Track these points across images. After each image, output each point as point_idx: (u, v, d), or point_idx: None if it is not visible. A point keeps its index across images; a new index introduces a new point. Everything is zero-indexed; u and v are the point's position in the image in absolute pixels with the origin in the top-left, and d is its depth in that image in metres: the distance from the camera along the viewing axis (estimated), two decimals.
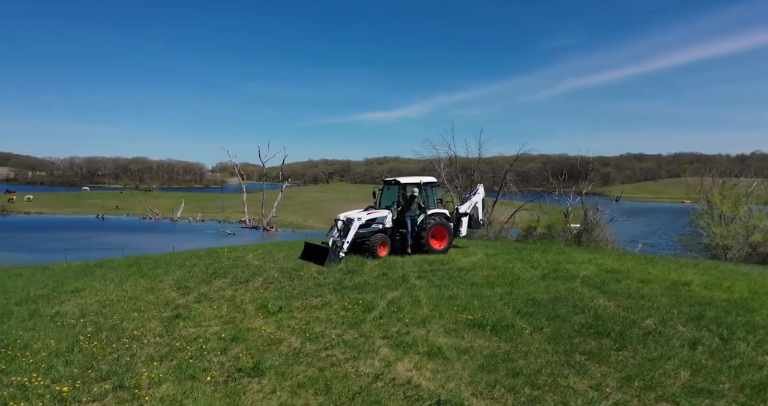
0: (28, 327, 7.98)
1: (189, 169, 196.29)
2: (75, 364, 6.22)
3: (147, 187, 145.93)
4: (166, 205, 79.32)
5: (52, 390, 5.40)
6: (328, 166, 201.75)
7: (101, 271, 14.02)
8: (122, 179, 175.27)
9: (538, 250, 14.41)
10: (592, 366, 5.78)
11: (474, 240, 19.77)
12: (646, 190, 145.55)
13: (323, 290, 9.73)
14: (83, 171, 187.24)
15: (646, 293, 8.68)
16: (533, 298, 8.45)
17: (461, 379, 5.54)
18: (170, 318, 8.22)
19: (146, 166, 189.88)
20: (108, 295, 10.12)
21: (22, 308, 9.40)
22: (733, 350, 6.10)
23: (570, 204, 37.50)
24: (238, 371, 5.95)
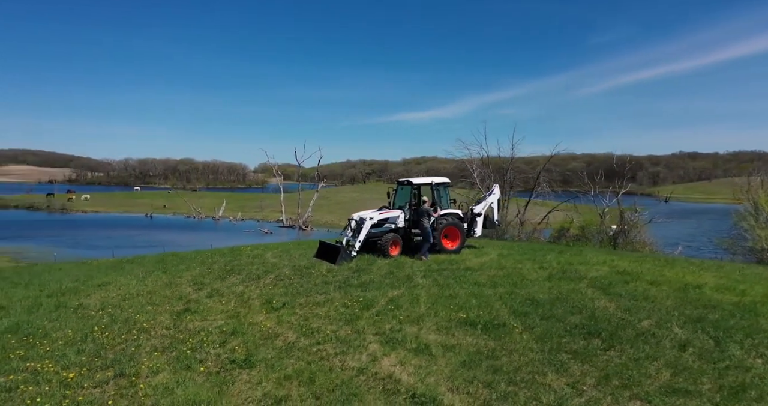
0: (52, 318, 8.58)
1: (232, 169, 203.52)
2: (85, 352, 6.68)
3: (193, 187, 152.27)
4: (209, 204, 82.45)
5: (60, 376, 5.84)
6: (366, 166, 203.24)
7: (130, 267, 14.92)
8: (170, 179, 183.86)
9: (554, 251, 14.24)
10: (573, 365, 5.85)
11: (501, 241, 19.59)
12: (699, 191, 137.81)
13: (329, 287, 10.01)
14: (136, 172, 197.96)
15: (651, 295, 8.59)
16: (533, 298, 8.49)
17: (441, 374, 5.69)
18: (180, 312, 8.66)
19: (193, 166, 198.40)
20: (129, 289, 10.74)
21: (51, 299, 10.09)
22: (724, 352, 6.07)
23: (606, 204, 36.27)
24: (231, 362, 6.26)
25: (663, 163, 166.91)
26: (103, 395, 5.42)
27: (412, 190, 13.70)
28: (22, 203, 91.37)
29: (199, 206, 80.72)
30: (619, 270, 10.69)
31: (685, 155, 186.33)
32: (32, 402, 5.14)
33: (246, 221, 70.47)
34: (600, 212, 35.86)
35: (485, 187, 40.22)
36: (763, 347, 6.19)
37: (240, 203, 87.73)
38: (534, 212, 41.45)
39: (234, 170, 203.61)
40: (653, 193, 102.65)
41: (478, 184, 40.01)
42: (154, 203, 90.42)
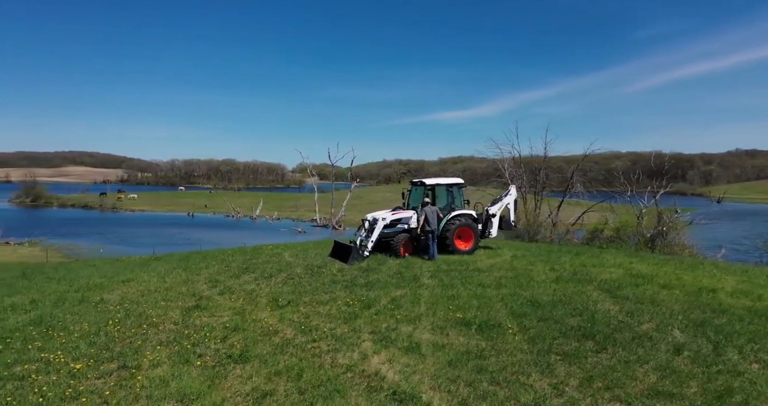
0: (74, 311, 9.09)
1: (272, 169, 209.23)
2: (96, 345, 7.08)
3: (234, 187, 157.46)
4: (248, 204, 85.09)
5: (69, 367, 6.22)
6: (401, 166, 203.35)
7: (156, 264, 15.63)
8: (213, 180, 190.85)
9: (572, 253, 14.05)
10: (560, 366, 5.86)
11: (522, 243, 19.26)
12: (757, 190, 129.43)
13: (335, 286, 10.22)
14: (181, 172, 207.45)
15: (660, 299, 8.47)
16: (535, 300, 8.48)
17: (426, 373, 5.80)
18: (190, 308, 9.02)
19: (234, 167, 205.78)
20: (149, 285, 11.25)
21: (77, 294, 10.69)
22: (721, 356, 5.99)
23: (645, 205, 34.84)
24: (227, 357, 6.52)
25: (716, 162, 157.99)
26: (103, 386, 5.76)
27: (426, 191, 13.72)
28: (78, 202, 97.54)
29: (238, 205, 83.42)
30: (634, 273, 10.51)
31: (742, 153, 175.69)
32: (39, 390, 5.52)
33: (282, 220, 72.27)
34: (637, 213, 34.54)
35: (517, 187, 39.54)
36: (763, 353, 6.05)
37: (276, 203, 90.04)
38: (568, 213, 40.37)
39: (273, 170, 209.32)
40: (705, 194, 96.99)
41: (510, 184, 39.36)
42: (196, 203, 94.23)
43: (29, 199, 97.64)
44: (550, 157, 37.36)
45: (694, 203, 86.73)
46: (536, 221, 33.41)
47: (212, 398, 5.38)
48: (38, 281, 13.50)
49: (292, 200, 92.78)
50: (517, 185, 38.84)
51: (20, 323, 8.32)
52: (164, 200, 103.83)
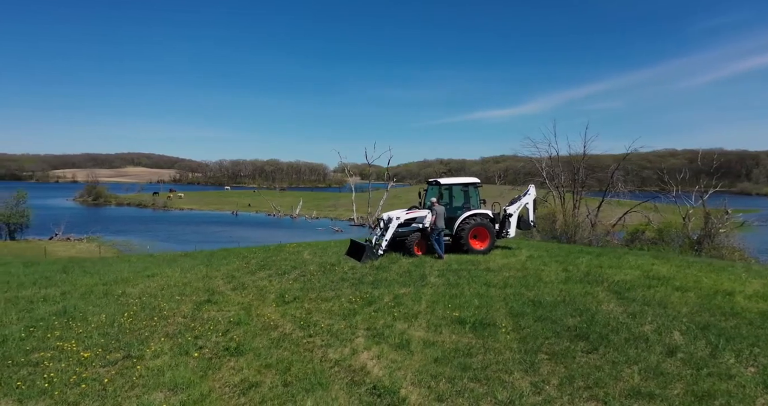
0: (97, 303, 9.59)
1: (314, 169, 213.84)
2: (107, 335, 7.47)
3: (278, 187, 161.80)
4: (289, 203, 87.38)
5: (79, 355, 6.61)
6: (442, 165, 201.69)
7: (183, 260, 16.28)
8: (257, 180, 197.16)
9: (593, 253, 13.87)
10: (545, 365, 5.88)
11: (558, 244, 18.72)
12: None
13: (343, 284, 10.43)
14: (229, 172, 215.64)
15: (671, 300, 8.33)
16: (538, 300, 8.45)
17: (411, 369, 5.91)
18: (201, 302, 9.38)
19: (278, 167, 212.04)
20: (170, 280, 11.74)
21: (104, 287, 11.24)
22: (715, 359, 5.91)
23: (692, 205, 32.98)
24: (225, 350, 6.79)
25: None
26: (105, 374, 6.10)
27: (441, 190, 13.66)
28: (133, 201, 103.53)
29: (279, 204, 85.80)
30: (651, 275, 10.30)
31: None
32: (48, 377, 5.91)
33: (320, 219, 73.74)
34: (683, 214, 32.76)
35: (555, 186, 38.47)
36: (764, 357, 5.91)
37: (316, 202, 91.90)
38: (610, 213, 38.87)
39: (315, 170, 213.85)
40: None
41: (547, 184, 38.38)
42: (241, 202, 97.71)
43: (91, 198, 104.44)
44: (596, 156, 36.05)
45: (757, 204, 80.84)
46: (574, 222, 32.35)
47: (201, 388, 5.62)
48: (75, 274, 14.15)
49: (332, 200, 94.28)
50: (555, 184, 37.87)
51: (47, 313, 8.90)
52: (211, 199, 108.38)
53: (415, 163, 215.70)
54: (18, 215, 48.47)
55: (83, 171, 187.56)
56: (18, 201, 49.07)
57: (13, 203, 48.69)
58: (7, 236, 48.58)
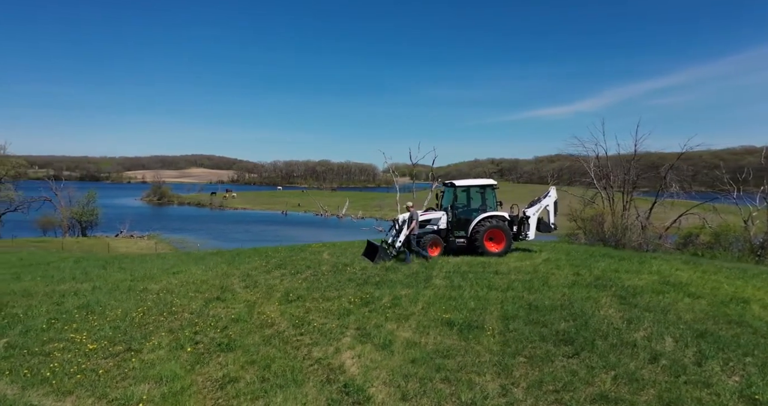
0: (119, 298, 10.20)
1: (363, 170, 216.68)
2: (117, 329, 7.99)
3: (328, 187, 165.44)
4: (337, 203, 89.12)
5: (86, 347, 7.11)
6: (493, 165, 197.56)
7: (211, 258, 16.96)
8: (308, 180, 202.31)
9: (615, 257, 13.36)
10: (520, 369, 5.92)
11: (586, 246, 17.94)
12: None
13: (349, 284, 10.64)
14: (282, 172, 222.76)
15: (677, 307, 8.12)
16: (535, 304, 8.39)
17: (387, 368, 6.06)
18: (211, 299, 9.82)
19: (329, 168, 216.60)
20: (190, 277, 12.29)
21: (131, 283, 11.92)
22: (699, 367, 5.81)
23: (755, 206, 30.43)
24: (218, 345, 7.15)
25: None
26: (104, 365, 6.55)
27: (456, 192, 13.52)
28: (192, 200, 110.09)
29: (327, 204, 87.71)
30: (667, 280, 10.02)
31: None
32: (53, 366, 6.43)
33: (366, 219, 74.58)
34: (745, 217, 30.27)
35: (602, 187, 36.84)
36: (753, 367, 5.77)
37: (363, 202, 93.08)
38: (664, 216, 36.66)
39: (365, 170, 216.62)
40: None
41: (595, 184, 36.86)
42: (291, 202, 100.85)
43: (156, 198, 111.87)
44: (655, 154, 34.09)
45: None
46: (622, 224, 30.78)
47: (183, 382, 5.97)
48: (111, 270, 15.20)
49: (378, 200, 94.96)
50: (603, 185, 36.13)
51: (73, 306, 9.58)
52: (263, 199, 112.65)
53: (466, 163, 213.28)
54: (88, 214, 53.00)
55: (151, 172, 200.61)
56: (88, 201, 53.64)
57: (85, 203, 53.26)
58: (80, 233, 53.15)
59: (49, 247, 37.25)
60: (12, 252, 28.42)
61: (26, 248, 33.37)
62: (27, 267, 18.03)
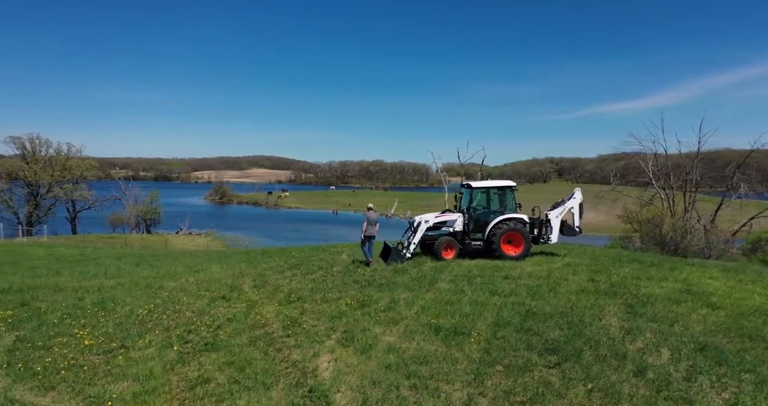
0: (133, 295, 10.52)
1: (417, 169, 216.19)
2: (119, 326, 8.25)
3: (382, 186, 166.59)
4: (387, 202, 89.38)
5: (83, 343, 7.36)
6: (553, 164, 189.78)
7: (236, 256, 17.60)
8: (362, 180, 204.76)
9: (645, 263, 12.63)
10: (494, 378, 5.82)
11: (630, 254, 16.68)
12: None
13: (354, 285, 10.62)
14: (337, 172, 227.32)
15: (689, 318, 7.68)
16: (534, 310, 8.12)
17: (358, 373, 6.03)
18: (216, 298, 10.00)
19: (382, 167, 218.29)
20: (207, 276, 12.54)
21: (150, 281, 12.21)
22: (688, 382, 5.52)
23: None
24: (205, 345, 7.26)
25: None
26: (93, 362, 6.76)
27: (471, 193, 13.03)
28: (250, 199, 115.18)
29: (377, 204, 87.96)
30: (691, 289, 9.48)
31: None
32: (47, 361, 6.69)
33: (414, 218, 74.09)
34: None
35: (660, 187, 34.52)
36: (748, 384, 5.42)
37: (412, 202, 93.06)
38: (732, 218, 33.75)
39: (418, 170, 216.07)
40: None
41: (653, 184, 34.64)
42: (342, 201, 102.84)
43: (218, 197, 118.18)
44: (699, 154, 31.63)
45: None
46: (682, 227, 28.49)
47: (157, 381, 6.12)
48: (142, 268, 15.65)
49: (428, 200, 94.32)
50: (660, 185, 33.67)
51: (90, 302, 9.97)
52: (315, 199, 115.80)
53: (523, 163, 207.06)
54: (151, 212, 56.84)
55: (216, 172, 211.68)
56: (152, 200, 57.54)
57: (148, 202, 57.18)
58: (144, 230, 57.11)
59: (114, 243, 40.12)
60: (80, 247, 30.90)
61: (94, 243, 36.20)
62: (77, 263, 19.05)
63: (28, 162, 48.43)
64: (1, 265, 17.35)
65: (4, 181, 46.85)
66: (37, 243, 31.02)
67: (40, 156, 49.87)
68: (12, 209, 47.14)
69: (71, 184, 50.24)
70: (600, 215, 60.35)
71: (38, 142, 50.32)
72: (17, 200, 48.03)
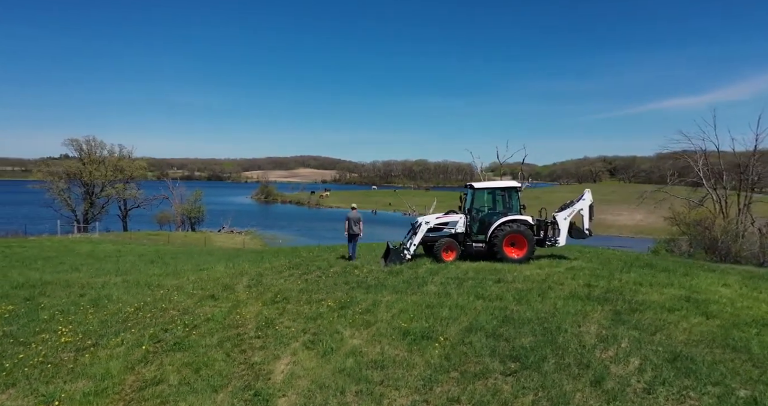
0: (132, 293, 10.83)
1: (461, 169, 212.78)
2: (103, 323, 8.50)
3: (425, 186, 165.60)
4: (427, 202, 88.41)
5: (61, 340, 7.60)
6: (605, 163, 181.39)
7: (245, 254, 17.91)
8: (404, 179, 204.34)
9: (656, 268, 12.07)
10: (444, 385, 5.75)
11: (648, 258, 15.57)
12: None
13: (343, 287, 10.54)
14: (381, 172, 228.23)
15: (676, 327, 7.32)
16: (513, 316, 7.90)
17: (311, 377, 6.06)
18: (205, 297, 10.19)
19: (425, 167, 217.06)
20: (207, 275, 12.76)
21: (153, 279, 12.46)
22: (647, 394, 5.29)
23: None
24: (174, 344, 7.40)
25: None
26: (62, 359, 6.97)
27: (474, 194, 12.56)
28: (294, 199, 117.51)
29: (417, 203, 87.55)
30: (691, 297, 8.99)
31: None
32: (20, 356, 6.96)
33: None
34: None
35: (711, 186, 32.35)
36: (711, 398, 5.18)
37: (453, 202, 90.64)
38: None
39: (462, 170, 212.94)
40: None
41: (704, 184, 32.42)
42: (383, 201, 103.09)
43: (263, 197, 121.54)
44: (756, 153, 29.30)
45: None
46: (735, 230, 26.42)
47: (113, 381, 6.25)
48: (155, 265, 16.30)
49: None
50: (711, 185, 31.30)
51: (88, 298, 10.33)
52: (356, 198, 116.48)
53: (573, 162, 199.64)
54: (195, 210, 59.30)
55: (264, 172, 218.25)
56: (195, 199, 60.08)
57: (192, 200, 59.75)
58: (189, 228, 59.71)
59: (158, 240, 42.19)
60: (123, 243, 32.71)
61: (140, 240, 38.17)
62: (105, 259, 19.81)
63: (85, 163, 51.93)
64: (35, 260, 18.36)
65: (64, 181, 50.57)
66: (87, 239, 32.89)
67: (95, 157, 53.42)
68: (70, 207, 50.75)
69: (122, 184, 53.44)
70: (650, 217, 56.93)
71: (93, 144, 54.01)
72: (75, 199, 51.73)
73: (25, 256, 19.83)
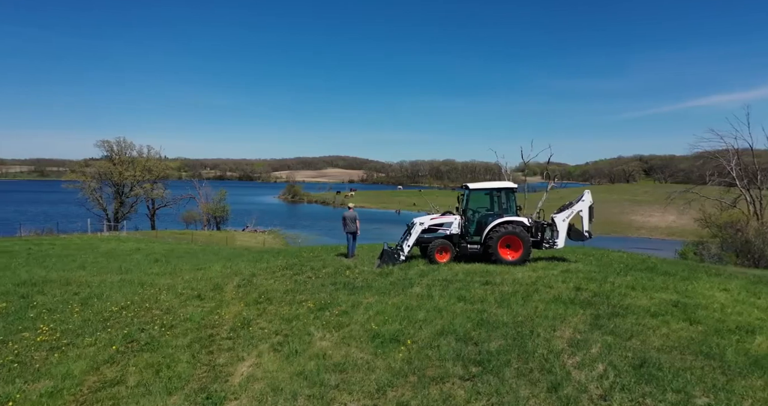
0: (124, 292, 10.87)
1: (489, 169, 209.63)
2: (86, 321, 8.60)
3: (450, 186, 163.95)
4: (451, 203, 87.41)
5: (38, 338, 7.72)
6: (641, 162, 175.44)
7: (248, 254, 17.93)
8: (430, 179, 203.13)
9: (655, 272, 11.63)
10: (399, 389, 5.69)
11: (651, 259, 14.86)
12: None
13: (329, 288, 10.49)
14: (408, 172, 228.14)
15: (653, 333, 7.11)
16: (490, 319, 7.78)
17: (270, 380, 6.05)
18: (191, 297, 10.26)
19: (453, 167, 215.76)
20: (201, 275, 12.75)
21: (151, 277, 12.57)
22: (600, 400, 5.19)
23: None
24: (144, 344, 7.48)
25: None
26: (33, 358, 7.08)
27: (469, 195, 12.25)
28: (319, 199, 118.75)
29: (441, 204, 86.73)
30: (680, 302, 8.69)
31: None
32: None
33: None
34: None
35: (744, 187, 30.76)
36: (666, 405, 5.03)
37: None
38: None
39: (490, 170, 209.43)
40: None
41: (737, 184, 30.86)
42: (407, 201, 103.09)
43: (290, 196, 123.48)
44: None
45: None
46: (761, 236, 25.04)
47: (72, 381, 6.31)
48: (158, 264, 16.13)
49: None
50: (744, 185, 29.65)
51: (80, 297, 10.45)
52: (382, 198, 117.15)
53: (607, 161, 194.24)
54: (220, 210, 60.65)
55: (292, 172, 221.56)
56: (220, 198, 61.45)
57: (217, 200, 61.15)
58: (215, 227, 61.14)
59: (182, 239, 43.31)
60: (150, 241, 33.51)
61: (164, 239, 39.27)
62: (117, 257, 19.70)
63: (115, 163, 53.97)
64: (49, 257, 18.62)
65: (96, 181, 52.69)
66: (115, 237, 33.92)
67: (125, 157, 55.43)
68: (101, 206, 52.85)
69: (149, 184, 55.22)
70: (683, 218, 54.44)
71: (124, 145, 56.02)
72: (106, 198, 53.82)
73: (47, 253, 20.39)
